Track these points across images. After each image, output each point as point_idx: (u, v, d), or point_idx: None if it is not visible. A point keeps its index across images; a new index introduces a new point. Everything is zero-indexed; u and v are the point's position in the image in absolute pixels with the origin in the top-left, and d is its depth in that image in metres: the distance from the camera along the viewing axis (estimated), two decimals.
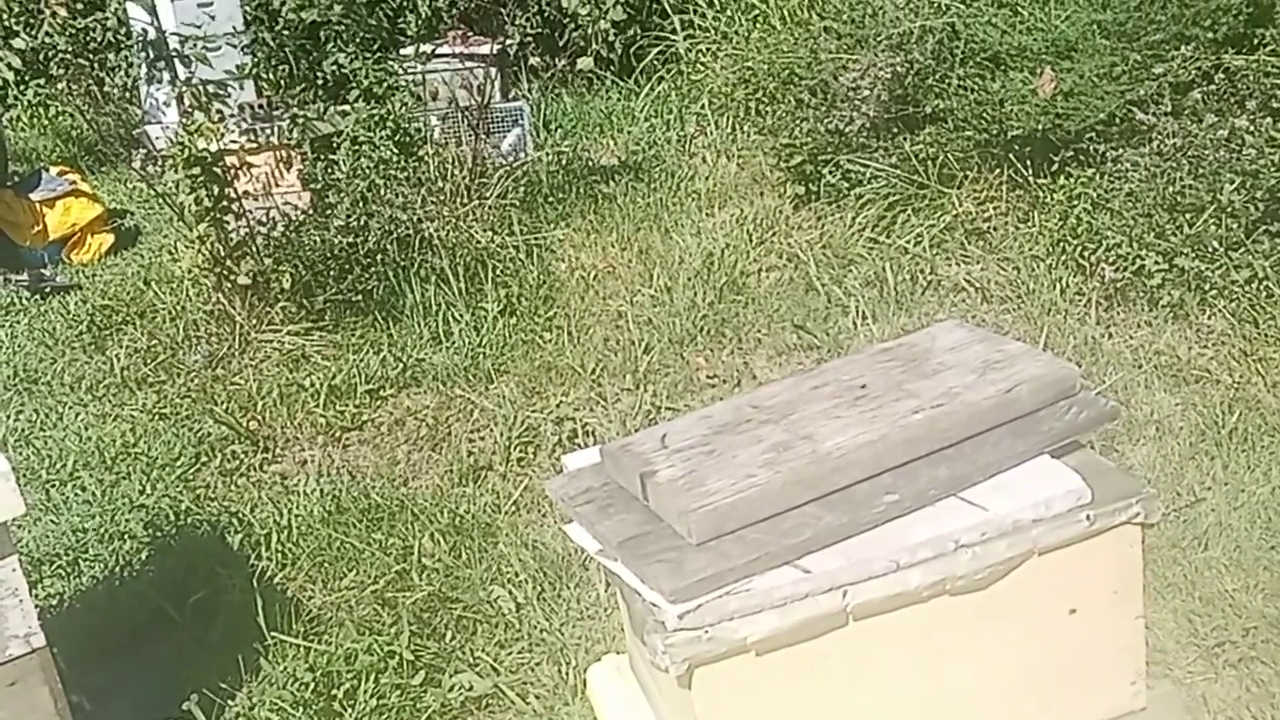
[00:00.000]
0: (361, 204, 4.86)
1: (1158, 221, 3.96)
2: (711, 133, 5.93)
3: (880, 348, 2.15)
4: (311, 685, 2.84)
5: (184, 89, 4.47)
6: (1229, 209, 3.87)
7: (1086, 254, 4.10)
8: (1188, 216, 3.93)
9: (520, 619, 3.01)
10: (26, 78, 7.25)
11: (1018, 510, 1.81)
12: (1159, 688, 2.03)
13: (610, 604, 2.98)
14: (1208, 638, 2.68)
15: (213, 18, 5.60)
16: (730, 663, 1.72)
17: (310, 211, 5.01)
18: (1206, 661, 2.63)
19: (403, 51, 6.29)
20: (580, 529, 1.92)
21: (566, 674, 2.81)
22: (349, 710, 2.75)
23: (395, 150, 5.19)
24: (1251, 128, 3.92)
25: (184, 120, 4.45)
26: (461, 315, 4.51)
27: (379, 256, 4.83)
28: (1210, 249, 3.86)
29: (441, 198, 5.29)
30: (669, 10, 6.55)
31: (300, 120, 5.05)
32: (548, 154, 5.96)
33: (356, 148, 5.08)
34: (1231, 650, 2.65)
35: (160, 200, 5.08)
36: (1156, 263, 3.90)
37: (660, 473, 1.84)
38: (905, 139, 4.74)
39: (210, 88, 4.48)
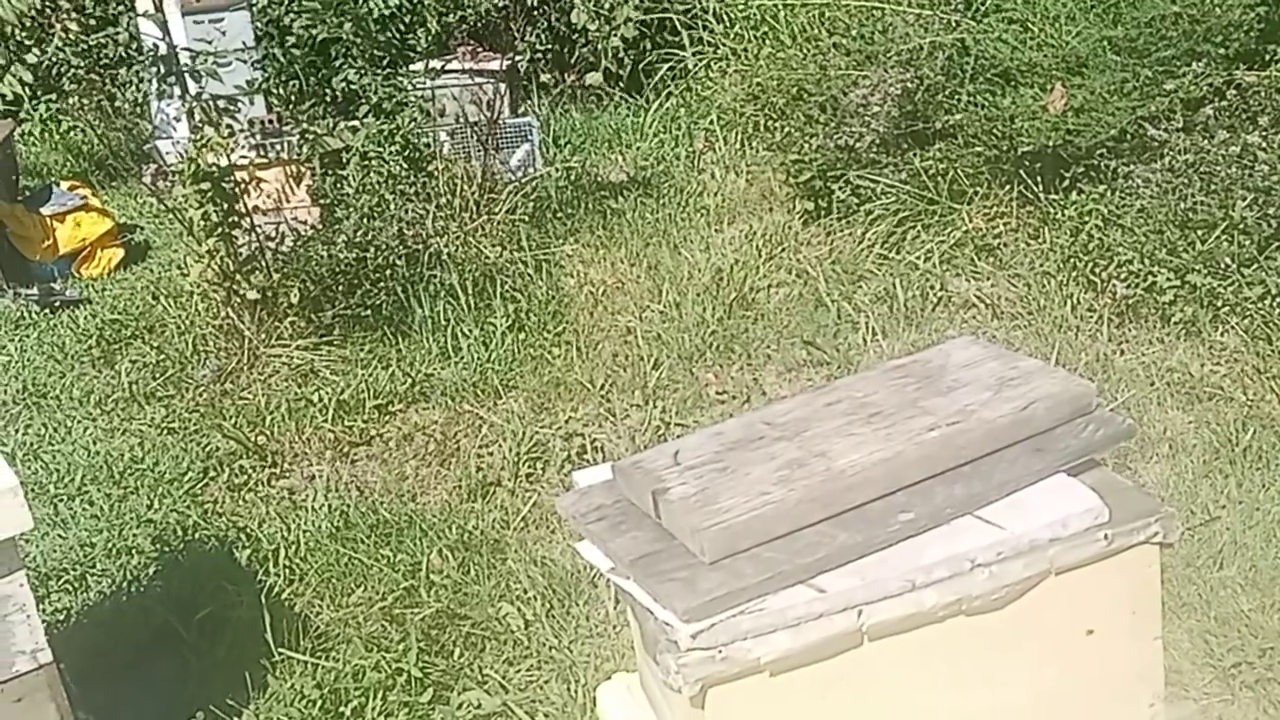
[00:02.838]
0: (370, 219, 4.87)
1: (1169, 238, 3.95)
2: (720, 148, 5.93)
3: (894, 364, 2.13)
4: (319, 702, 2.82)
5: (194, 104, 4.47)
6: (1241, 225, 3.85)
7: (1098, 270, 4.09)
8: (1200, 233, 3.91)
9: (529, 636, 3.00)
10: (38, 92, 7.28)
11: (1034, 529, 1.79)
12: (1178, 710, 2.01)
13: (619, 621, 2.96)
14: (1224, 658, 2.66)
15: (224, 33, 5.63)
16: (744, 683, 1.70)
17: (319, 226, 5.02)
18: (1223, 683, 2.60)
19: (412, 67, 6.31)
20: (592, 547, 1.90)
21: (575, 692, 2.79)
22: None
23: (404, 166, 5.19)
24: (1264, 144, 3.91)
25: (194, 135, 4.46)
26: (470, 330, 4.51)
27: (388, 271, 4.83)
28: (1223, 266, 3.84)
29: (450, 213, 5.29)
30: (679, 27, 6.56)
31: (310, 136, 5.06)
32: (557, 169, 5.96)
33: (366, 163, 5.09)
34: (1248, 671, 2.62)
35: (170, 215, 5.09)
36: (1168, 279, 3.89)
37: (672, 490, 1.82)
38: (915, 155, 4.73)
39: (221, 103, 4.49)
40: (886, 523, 1.78)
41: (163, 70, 4.57)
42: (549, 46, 7.17)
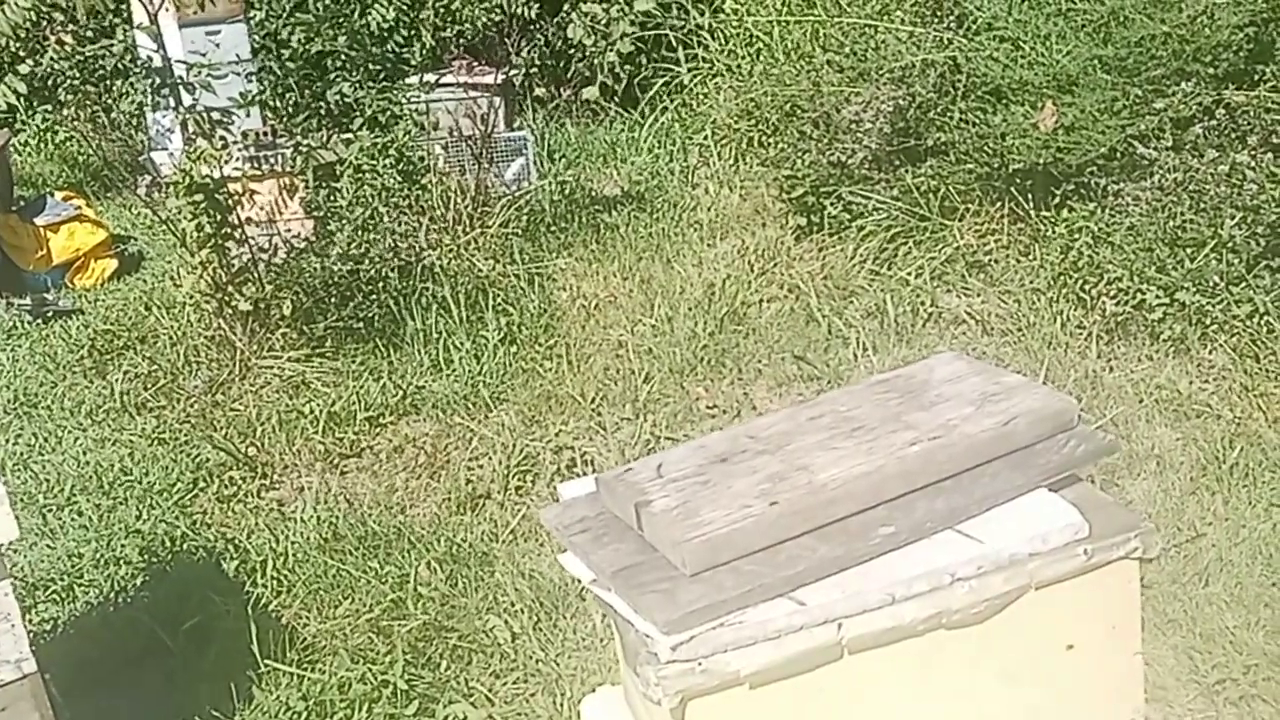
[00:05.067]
0: (363, 232, 4.88)
1: (1158, 256, 3.96)
2: (714, 164, 5.94)
3: (878, 379, 2.14)
4: (305, 714, 2.83)
5: (189, 116, 4.48)
6: (1230, 244, 3.87)
7: (1087, 288, 4.10)
8: (1189, 251, 3.93)
9: (516, 649, 3.00)
10: (34, 103, 7.29)
11: (1014, 544, 1.80)
12: None
13: (606, 634, 2.96)
14: (1208, 675, 2.66)
15: (219, 46, 5.64)
16: (723, 695, 1.71)
17: (312, 239, 5.03)
18: (1207, 699, 2.60)
19: (407, 81, 6.32)
20: (574, 558, 1.90)
21: (561, 705, 2.80)
22: None
23: (398, 179, 5.20)
24: (1252, 163, 3.92)
25: (188, 147, 4.47)
26: (462, 343, 4.51)
27: (380, 284, 4.83)
28: (1211, 284, 3.86)
29: (444, 226, 5.30)
30: (674, 43, 6.59)
31: (304, 148, 5.07)
32: (551, 183, 5.97)
33: (360, 176, 5.09)
34: (1232, 688, 2.63)
35: (164, 226, 5.10)
36: (1157, 297, 3.90)
37: (655, 503, 1.83)
38: (907, 171, 4.75)
39: (215, 115, 4.50)
40: (867, 536, 1.79)
41: (158, 82, 4.57)
42: (544, 61, 7.18)
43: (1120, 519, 1.87)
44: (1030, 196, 4.44)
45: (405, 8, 6.72)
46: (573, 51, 6.82)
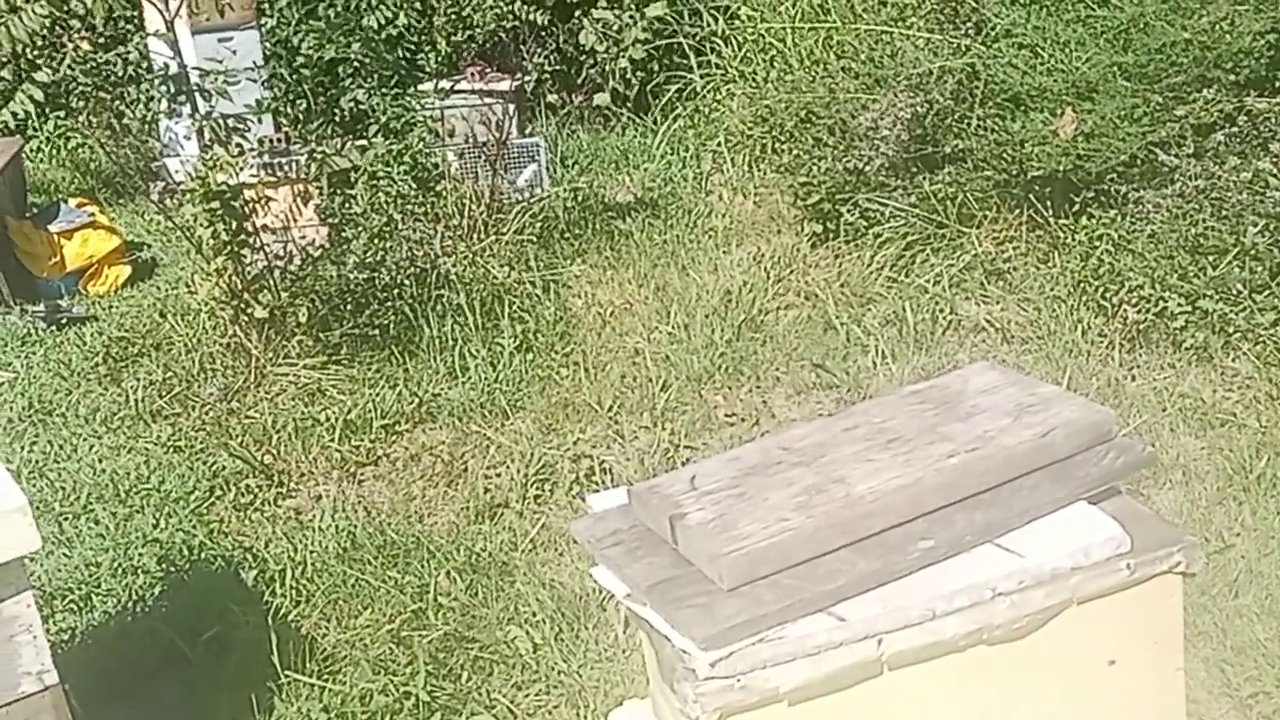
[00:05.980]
0: (379, 239, 4.86)
1: (1180, 263, 3.94)
2: (728, 170, 5.93)
3: (911, 390, 2.12)
4: None
5: (204, 123, 4.48)
6: (1253, 251, 3.84)
7: (1108, 295, 4.08)
8: (1211, 258, 3.91)
9: (538, 660, 2.97)
10: (47, 110, 7.30)
11: (1055, 558, 1.77)
12: None
13: (629, 645, 2.94)
14: (1241, 688, 2.63)
15: (234, 53, 5.64)
16: (762, 713, 1.68)
17: (327, 246, 5.01)
18: (1240, 713, 2.58)
19: (421, 87, 6.32)
20: (607, 572, 1.88)
21: (585, 717, 2.77)
22: None
23: (413, 186, 5.19)
24: (1275, 170, 3.90)
25: (204, 155, 4.46)
26: (478, 351, 4.49)
27: (395, 291, 4.82)
28: (1234, 291, 3.83)
29: (458, 233, 5.29)
30: (687, 49, 6.58)
31: (318, 155, 5.06)
32: (564, 190, 5.96)
33: (374, 183, 5.08)
34: (1266, 701, 2.60)
35: (177, 233, 5.09)
36: (1179, 304, 3.87)
37: (690, 515, 1.81)
38: (924, 179, 4.73)
39: (230, 122, 4.49)
40: (906, 550, 1.77)
41: (173, 89, 4.57)
42: (557, 67, 7.18)
43: (1162, 533, 1.84)
44: (1050, 204, 4.42)
45: (417, 13, 6.73)
46: (585, 58, 6.83)
